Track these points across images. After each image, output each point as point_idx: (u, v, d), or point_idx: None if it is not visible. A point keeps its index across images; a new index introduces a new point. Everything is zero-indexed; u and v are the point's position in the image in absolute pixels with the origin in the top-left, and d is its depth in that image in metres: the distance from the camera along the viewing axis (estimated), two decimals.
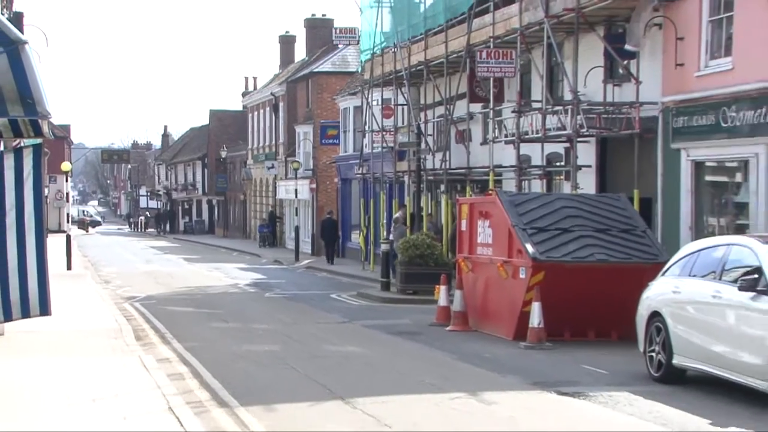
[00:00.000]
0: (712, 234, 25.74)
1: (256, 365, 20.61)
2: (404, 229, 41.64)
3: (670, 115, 30.29)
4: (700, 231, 27.98)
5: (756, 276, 16.65)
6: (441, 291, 28.00)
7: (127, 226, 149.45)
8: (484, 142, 38.55)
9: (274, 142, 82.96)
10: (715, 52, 28.93)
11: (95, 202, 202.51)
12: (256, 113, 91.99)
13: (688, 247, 20.61)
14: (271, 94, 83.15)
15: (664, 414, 15.88)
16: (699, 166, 29.98)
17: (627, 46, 31.72)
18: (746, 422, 15.20)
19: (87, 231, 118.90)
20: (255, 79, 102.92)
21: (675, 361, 18.18)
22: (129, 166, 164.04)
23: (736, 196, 28.70)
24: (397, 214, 44.59)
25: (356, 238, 57.60)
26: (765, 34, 26.45)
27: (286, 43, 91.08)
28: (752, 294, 16.48)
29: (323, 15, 79.12)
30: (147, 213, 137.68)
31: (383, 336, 25.44)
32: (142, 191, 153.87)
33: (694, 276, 18.44)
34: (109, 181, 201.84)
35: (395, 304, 34.42)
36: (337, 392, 17.38)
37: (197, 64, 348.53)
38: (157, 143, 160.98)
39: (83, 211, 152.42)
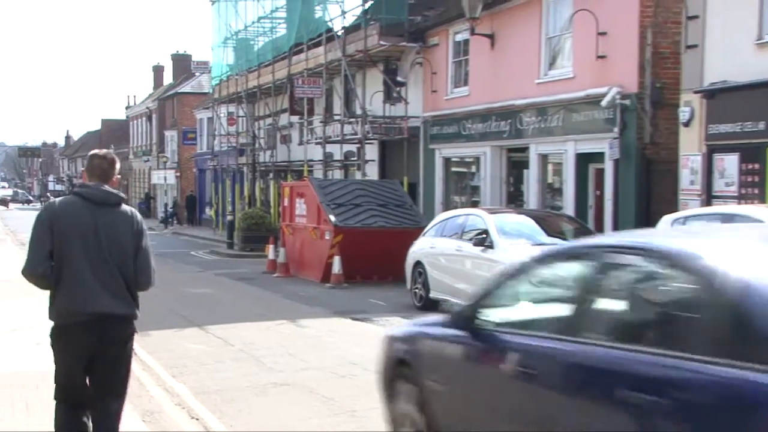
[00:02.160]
0: (456, 207, 26.25)
1: None
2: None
3: (428, 126, 30.91)
4: (447, 205, 28.71)
5: (484, 236, 17.28)
6: (270, 249, 28.09)
7: (39, 204, 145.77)
8: (300, 143, 38.66)
9: (149, 142, 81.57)
10: (457, 83, 29.66)
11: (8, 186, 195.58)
12: (136, 121, 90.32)
13: (440, 216, 21.13)
14: (147, 108, 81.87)
15: None
16: (447, 161, 30.77)
17: (398, 78, 32.30)
18: None
19: (7, 207, 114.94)
20: (135, 96, 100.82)
21: (431, 295, 18.73)
22: (40, 160, 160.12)
23: (472, 181, 29.49)
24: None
25: (209, 211, 57.26)
26: (488, 71, 27.21)
27: (158, 71, 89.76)
28: (482, 248, 17.06)
29: (185, 51, 78.70)
30: (52, 195, 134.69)
31: (228, 281, 25.38)
32: (50, 178, 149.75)
33: (444, 236, 18.91)
34: (24, 171, 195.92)
35: (237, 258, 34.31)
36: (194, 322, 17.37)
37: (93, 82, 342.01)
38: (61, 143, 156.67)
39: (16, 192, 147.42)
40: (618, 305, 6.39)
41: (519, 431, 6.55)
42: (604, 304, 6.42)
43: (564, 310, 6.53)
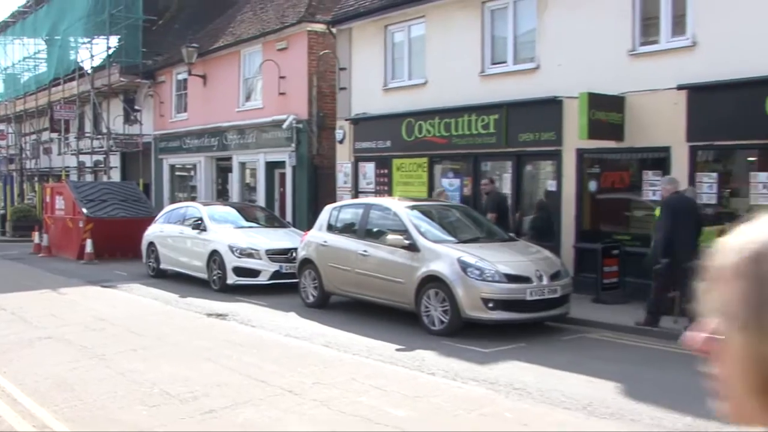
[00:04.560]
0: (179, 201, 26.17)
1: None
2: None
3: (158, 141, 30.59)
4: (173, 200, 28.36)
5: (200, 222, 17.14)
6: (35, 235, 26.93)
7: None
8: (59, 153, 36.81)
9: None
10: (179, 110, 29.52)
11: None
12: None
13: (167, 208, 20.86)
14: None
15: (153, 292, 15.86)
16: (172, 167, 30.57)
17: (135, 106, 31.79)
18: (196, 293, 15.60)
19: None
20: None
21: (161, 266, 18.37)
22: None
23: (191, 182, 29.43)
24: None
25: None
26: (202, 101, 27.43)
27: None
28: (198, 231, 16.99)
29: None
30: None
31: (3, 261, 24.30)
32: None
33: (171, 223, 18.52)
34: None
35: (10, 242, 32.59)
36: None
37: None
38: None
39: None
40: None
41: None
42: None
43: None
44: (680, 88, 13.27)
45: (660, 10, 14.03)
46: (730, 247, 1.10)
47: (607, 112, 13.92)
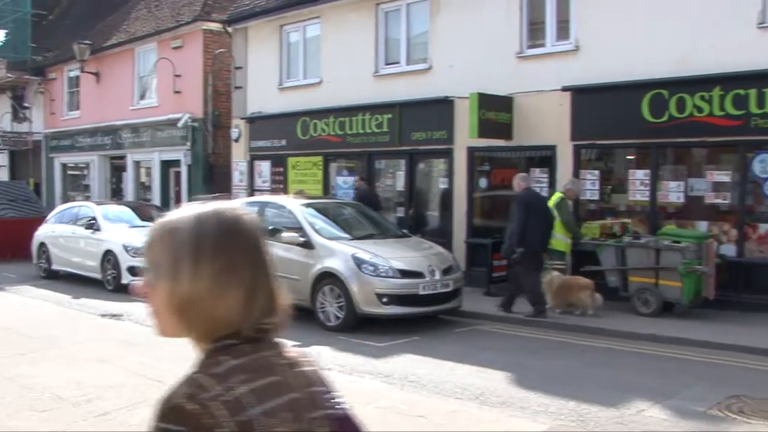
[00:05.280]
0: (72, 201, 25.51)
1: None
2: None
3: (49, 140, 29.64)
4: (65, 199, 27.44)
5: (93, 221, 16.69)
6: None
7: None
8: None
9: None
10: (71, 108, 28.70)
11: None
12: None
13: (59, 208, 20.18)
14: None
15: (44, 293, 15.29)
16: (64, 166, 29.67)
17: (24, 103, 30.70)
18: (89, 294, 15.14)
19: None
20: None
21: (53, 267, 17.76)
22: None
23: (84, 181, 28.63)
24: None
25: None
26: (95, 99, 26.69)
27: None
28: (91, 231, 16.64)
29: None
30: None
31: None
32: None
33: (63, 223, 18.01)
34: None
35: None
36: None
37: None
38: None
39: None
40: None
41: None
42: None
43: None
44: (565, 89, 13.70)
45: (546, 16, 14.44)
46: (159, 221, 1.61)
47: (496, 111, 14.24)
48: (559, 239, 12.45)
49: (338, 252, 11.45)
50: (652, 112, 12.76)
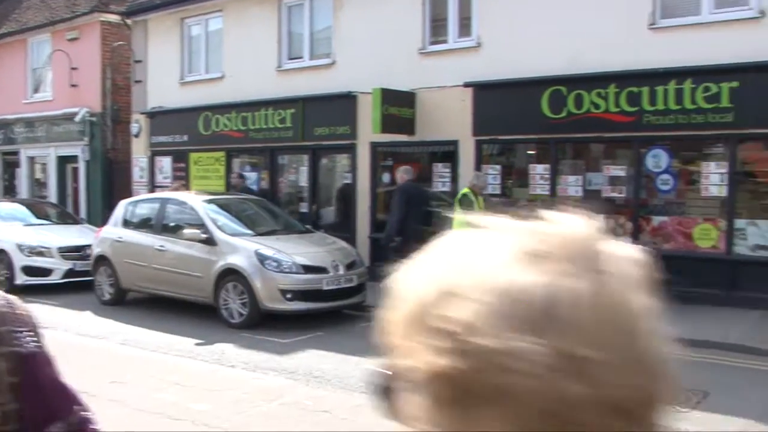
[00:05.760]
0: None
1: None
2: None
3: None
4: None
5: None
6: None
7: None
8: None
9: None
10: None
11: None
12: None
13: None
14: None
15: None
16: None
17: None
18: None
19: None
20: None
21: None
22: None
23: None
24: None
25: None
26: None
27: None
28: None
29: None
30: None
31: None
32: None
33: None
34: None
35: None
36: None
37: None
38: None
39: None
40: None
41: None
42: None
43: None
44: (466, 85, 13.85)
45: (448, 12, 14.56)
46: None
47: (399, 107, 14.28)
48: None
49: (241, 248, 11.30)
50: (552, 108, 13.03)
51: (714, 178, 11.87)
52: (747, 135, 11.61)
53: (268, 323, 10.98)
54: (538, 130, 13.26)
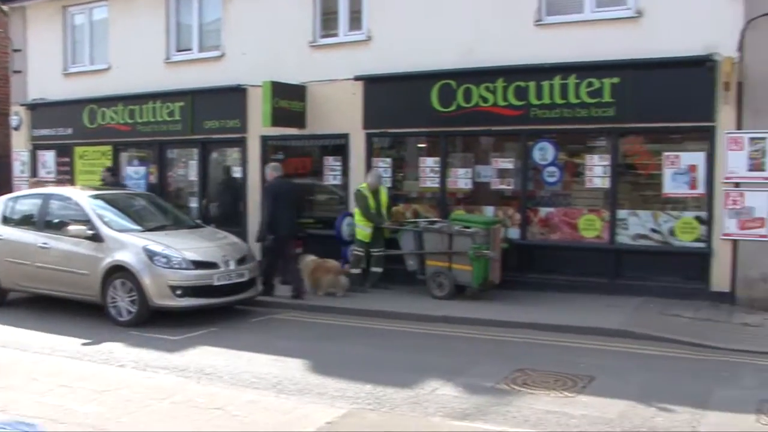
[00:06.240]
0: None
1: None
2: None
3: None
4: None
5: None
6: None
7: None
8: None
9: None
10: None
11: None
12: None
13: None
14: None
15: None
16: None
17: None
18: None
19: None
20: None
21: None
22: None
23: None
24: None
25: None
26: None
27: None
28: None
29: None
30: None
31: None
32: None
33: None
34: None
35: None
36: None
37: None
38: None
39: None
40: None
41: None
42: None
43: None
44: (357, 78, 13.87)
45: (338, 5, 14.53)
46: None
47: (289, 100, 14.17)
48: (360, 229, 12.93)
49: (129, 244, 10.98)
50: (441, 102, 13.18)
51: (597, 171, 12.26)
52: (627, 129, 12.05)
53: (158, 321, 10.73)
54: (428, 124, 13.39)
